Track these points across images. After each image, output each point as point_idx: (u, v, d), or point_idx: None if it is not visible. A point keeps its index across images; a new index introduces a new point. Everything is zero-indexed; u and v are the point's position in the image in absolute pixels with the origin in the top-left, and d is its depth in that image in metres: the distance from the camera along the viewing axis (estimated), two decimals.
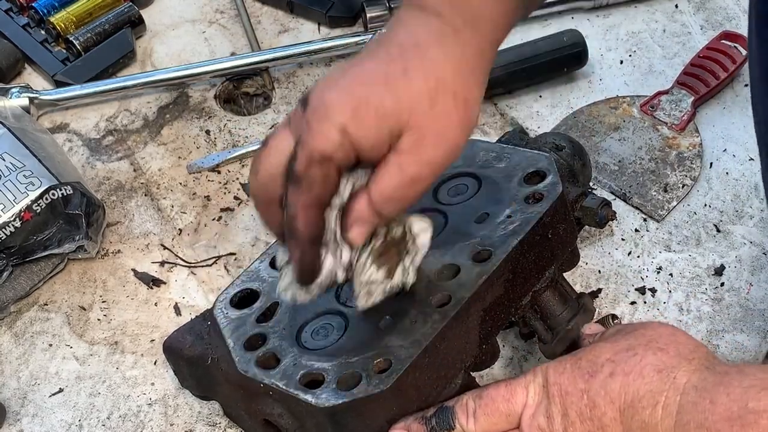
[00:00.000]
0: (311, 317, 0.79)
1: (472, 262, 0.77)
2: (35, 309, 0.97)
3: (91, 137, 1.13)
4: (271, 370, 0.74)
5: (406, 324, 0.74)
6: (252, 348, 0.77)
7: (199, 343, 0.81)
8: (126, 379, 0.92)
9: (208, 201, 1.06)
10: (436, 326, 0.73)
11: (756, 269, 0.95)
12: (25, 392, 0.91)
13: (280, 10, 1.27)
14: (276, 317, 0.80)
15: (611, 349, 0.68)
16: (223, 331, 0.79)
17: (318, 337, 0.77)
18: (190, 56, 1.22)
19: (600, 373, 0.66)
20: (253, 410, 0.77)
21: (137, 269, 1.00)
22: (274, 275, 0.82)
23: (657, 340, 0.67)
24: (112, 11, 1.23)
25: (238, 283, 0.84)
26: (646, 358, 0.66)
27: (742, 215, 1.00)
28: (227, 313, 0.81)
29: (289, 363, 0.74)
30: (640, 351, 0.66)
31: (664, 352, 0.66)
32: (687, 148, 1.06)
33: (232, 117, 1.15)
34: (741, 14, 1.21)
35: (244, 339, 0.78)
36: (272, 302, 0.81)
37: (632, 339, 0.68)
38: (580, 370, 0.67)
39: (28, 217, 0.94)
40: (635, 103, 1.10)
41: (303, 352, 0.76)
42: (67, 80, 1.17)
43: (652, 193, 1.02)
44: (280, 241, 0.69)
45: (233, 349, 0.77)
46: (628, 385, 0.65)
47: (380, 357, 0.72)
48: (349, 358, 0.73)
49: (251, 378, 0.75)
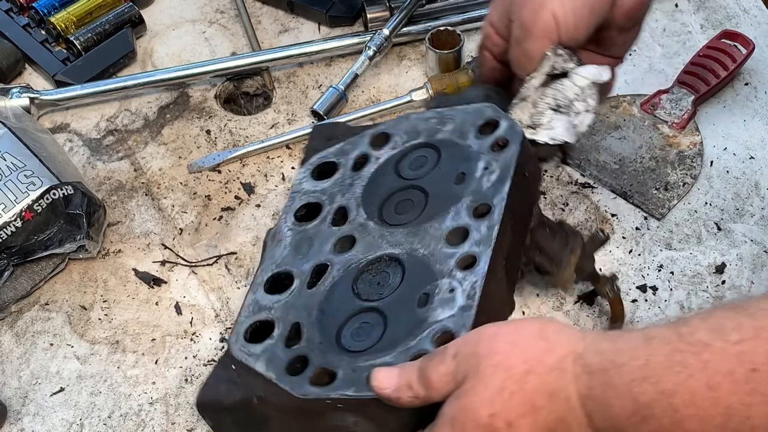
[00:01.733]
0: (342, 323, 0.77)
1: (475, 219, 0.79)
2: (36, 309, 0.97)
3: (91, 137, 1.14)
4: (331, 383, 0.72)
5: (444, 295, 0.75)
6: (296, 372, 0.75)
7: (235, 388, 0.77)
8: (127, 378, 0.92)
9: (209, 200, 1.06)
10: (475, 288, 0.73)
11: (757, 267, 0.95)
12: (26, 391, 0.91)
13: (280, 10, 1.27)
14: (305, 336, 0.77)
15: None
16: (257, 368, 0.76)
17: (360, 338, 0.76)
18: (190, 56, 1.22)
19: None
20: (319, 430, 0.75)
21: (138, 269, 1.00)
22: (277, 299, 0.81)
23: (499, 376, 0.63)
24: (112, 11, 1.23)
25: (241, 320, 0.81)
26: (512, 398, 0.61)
27: (743, 213, 1.00)
28: (249, 350, 0.78)
29: (347, 371, 0.73)
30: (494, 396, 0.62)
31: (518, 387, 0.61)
32: (687, 147, 1.06)
33: (232, 117, 1.15)
34: (741, 13, 1.21)
35: (284, 367, 0.76)
36: (293, 324, 0.78)
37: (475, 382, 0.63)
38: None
39: (29, 217, 0.94)
40: (635, 102, 1.10)
41: (355, 357, 0.74)
42: (67, 80, 1.17)
43: (652, 191, 1.02)
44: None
45: (279, 380, 0.74)
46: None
47: (438, 332, 0.72)
48: (406, 344, 0.72)
49: (315, 398, 0.72)
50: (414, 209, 0.83)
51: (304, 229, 0.86)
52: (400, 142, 0.89)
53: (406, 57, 1.20)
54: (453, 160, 0.85)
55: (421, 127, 0.89)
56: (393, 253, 0.80)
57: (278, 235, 0.86)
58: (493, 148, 0.83)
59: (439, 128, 0.88)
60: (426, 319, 0.74)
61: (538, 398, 0.61)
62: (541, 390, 0.61)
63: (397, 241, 0.81)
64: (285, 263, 0.84)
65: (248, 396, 0.76)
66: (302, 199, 0.88)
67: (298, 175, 0.90)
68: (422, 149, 0.88)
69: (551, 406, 0.60)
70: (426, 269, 0.78)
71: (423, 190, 0.84)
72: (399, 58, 1.20)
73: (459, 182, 0.83)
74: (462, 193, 0.81)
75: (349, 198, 0.86)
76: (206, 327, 0.95)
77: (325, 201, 0.87)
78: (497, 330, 0.66)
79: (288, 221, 0.87)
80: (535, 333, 0.64)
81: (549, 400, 0.60)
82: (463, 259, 0.77)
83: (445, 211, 0.81)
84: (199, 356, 0.93)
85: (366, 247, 0.82)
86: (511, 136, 0.82)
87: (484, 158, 0.83)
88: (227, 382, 0.78)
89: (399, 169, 0.87)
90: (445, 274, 0.76)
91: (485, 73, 0.91)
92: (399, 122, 0.90)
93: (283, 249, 0.85)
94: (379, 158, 0.88)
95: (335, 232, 0.84)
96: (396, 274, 0.79)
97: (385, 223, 0.84)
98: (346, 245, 0.83)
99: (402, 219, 0.83)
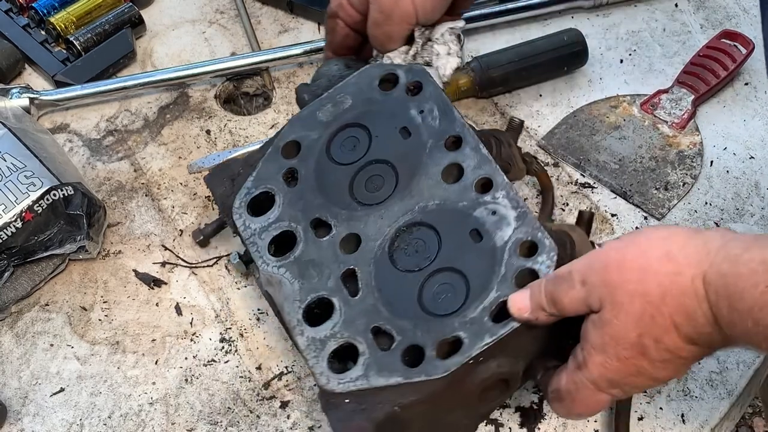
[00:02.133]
0: (418, 297, 0.78)
1: (454, 150, 0.82)
2: (36, 309, 0.97)
3: (91, 137, 1.14)
4: (460, 347, 0.74)
5: (490, 219, 0.78)
6: (417, 361, 0.75)
7: (368, 413, 0.74)
8: (127, 378, 0.92)
9: (209, 201, 1.06)
10: (512, 195, 0.78)
11: None
12: (26, 392, 0.91)
13: (280, 10, 1.27)
14: (394, 331, 0.76)
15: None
16: (375, 383, 0.75)
17: (445, 300, 0.77)
18: (190, 56, 1.22)
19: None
20: (468, 394, 0.76)
21: (138, 270, 1.00)
22: (333, 324, 0.78)
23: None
24: (112, 11, 1.23)
25: (315, 361, 0.78)
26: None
27: (743, 213, 1.00)
28: (349, 377, 0.76)
29: (467, 330, 0.74)
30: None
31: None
32: (687, 147, 1.06)
33: (232, 117, 1.15)
34: (741, 13, 1.21)
35: (401, 365, 0.75)
36: (371, 329, 0.77)
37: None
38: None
39: (29, 218, 0.94)
40: (635, 101, 1.10)
41: (461, 314, 0.75)
42: (67, 80, 1.17)
43: (652, 191, 1.02)
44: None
45: (408, 377, 0.74)
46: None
47: (516, 271, 0.75)
48: (491, 284, 0.75)
49: (458, 367, 0.73)
50: (387, 179, 0.84)
51: (295, 258, 0.83)
52: (313, 137, 0.88)
53: None
54: (382, 123, 0.86)
55: (323, 116, 0.89)
56: (410, 220, 0.81)
57: (272, 279, 0.83)
58: (407, 94, 0.86)
59: (342, 107, 0.88)
60: (493, 246, 0.77)
61: (677, 318, 0.65)
62: (679, 311, 0.65)
63: (396, 211, 0.82)
64: (309, 293, 0.81)
65: (388, 410, 0.74)
66: (264, 238, 0.85)
67: (238, 224, 0.86)
68: (347, 130, 0.88)
69: (690, 323, 0.65)
70: (452, 213, 0.80)
71: (381, 161, 0.85)
72: None
73: (408, 136, 0.85)
74: (420, 141, 0.84)
75: (311, 207, 0.84)
76: (206, 327, 0.95)
77: (290, 225, 0.84)
78: (623, 255, 0.68)
79: (270, 263, 0.83)
80: (661, 256, 0.67)
81: (687, 318, 0.65)
82: (478, 183, 0.80)
83: (420, 162, 0.83)
84: (199, 356, 0.93)
85: (375, 234, 0.81)
86: (418, 76, 0.87)
87: (411, 105, 0.86)
88: (355, 413, 0.75)
89: (335, 158, 0.87)
90: (474, 204, 0.79)
91: (338, 40, 0.94)
92: (294, 124, 0.89)
93: (292, 286, 0.82)
94: (307, 160, 0.87)
95: (330, 240, 0.82)
96: (428, 235, 0.80)
97: (369, 205, 0.83)
98: (352, 244, 0.82)
99: (383, 193, 0.83)
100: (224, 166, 0.93)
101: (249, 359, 0.92)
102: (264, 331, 0.94)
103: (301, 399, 0.89)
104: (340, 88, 0.89)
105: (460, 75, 1.11)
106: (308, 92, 0.92)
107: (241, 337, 0.94)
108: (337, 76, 0.92)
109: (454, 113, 0.84)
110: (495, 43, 1.18)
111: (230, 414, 0.89)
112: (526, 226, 0.77)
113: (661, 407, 0.86)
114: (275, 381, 0.91)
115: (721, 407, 0.86)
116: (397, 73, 0.88)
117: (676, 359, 0.68)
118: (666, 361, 0.68)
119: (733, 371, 0.88)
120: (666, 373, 0.69)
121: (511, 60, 1.11)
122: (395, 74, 0.88)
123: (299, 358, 0.91)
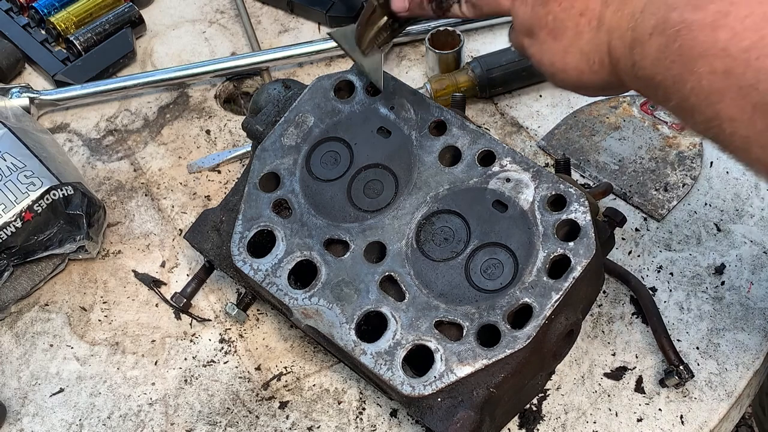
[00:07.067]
0: (469, 279, 0.79)
1: (438, 135, 0.85)
2: (36, 309, 0.97)
3: (91, 137, 1.14)
4: (531, 316, 0.75)
5: (507, 186, 0.80)
6: (496, 340, 0.76)
7: (465, 404, 0.75)
8: (127, 379, 0.92)
9: (209, 201, 1.06)
10: (516, 157, 0.81)
11: (756, 268, 0.95)
12: (25, 392, 0.91)
13: (280, 10, 1.27)
14: (465, 315, 0.78)
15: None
16: (460, 373, 0.76)
17: (492, 274, 0.79)
18: (190, 56, 1.22)
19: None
20: (546, 354, 0.78)
21: (138, 270, 1.00)
22: (393, 333, 0.79)
23: None
24: (112, 11, 1.23)
25: (396, 375, 0.78)
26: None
27: (743, 214, 1.00)
28: (434, 376, 0.77)
29: (531, 291, 0.76)
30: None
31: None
32: (687, 148, 1.06)
33: (232, 117, 1.15)
34: None
35: (480, 345, 0.76)
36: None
37: None
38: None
39: (29, 218, 0.94)
40: (635, 102, 1.10)
41: (519, 282, 0.77)
42: (67, 80, 1.17)
43: (652, 192, 1.02)
44: None
45: (493, 356, 0.75)
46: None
47: (553, 224, 0.78)
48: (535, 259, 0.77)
49: (538, 331, 0.75)
50: (385, 180, 0.85)
51: (323, 284, 0.82)
52: (288, 163, 0.87)
53: (406, 57, 1.20)
54: (357, 130, 0.87)
55: (289, 141, 0.88)
56: (428, 212, 0.82)
57: (308, 311, 0.81)
58: (368, 96, 0.88)
59: (305, 126, 0.88)
60: (522, 210, 0.79)
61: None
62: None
63: (409, 208, 0.82)
64: (355, 311, 0.80)
65: (485, 394, 0.75)
66: (280, 275, 0.83)
67: (245, 270, 0.84)
68: (322, 146, 0.87)
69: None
70: (466, 193, 0.81)
71: (371, 165, 0.86)
72: (399, 59, 1.20)
73: (388, 135, 0.86)
74: (403, 135, 0.85)
75: (318, 231, 0.84)
76: (206, 328, 0.95)
77: (302, 254, 0.83)
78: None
79: (299, 297, 0.82)
80: None
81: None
82: (480, 157, 0.82)
83: (411, 155, 0.84)
84: (199, 357, 0.93)
85: (396, 235, 0.82)
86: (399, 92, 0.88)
87: (379, 104, 0.87)
88: (453, 408, 0.75)
89: (320, 177, 0.86)
90: (485, 178, 0.81)
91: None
92: (262, 157, 0.88)
93: (332, 311, 0.81)
94: (292, 188, 0.86)
95: (352, 255, 0.82)
96: (452, 220, 0.81)
97: (377, 210, 0.83)
98: (377, 252, 0.82)
99: (386, 195, 0.84)
100: (201, 219, 0.90)
101: (248, 360, 0.92)
102: (263, 332, 0.94)
103: (300, 399, 0.89)
104: (296, 108, 0.88)
105: (460, 74, 1.11)
106: (260, 122, 0.91)
107: (240, 337, 0.94)
108: (282, 99, 0.91)
109: (426, 100, 0.85)
110: (495, 43, 1.18)
111: (229, 414, 0.89)
112: (545, 182, 0.79)
113: (660, 408, 0.86)
114: (274, 381, 0.91)
115: (720, 409, 0.86)
116: (350, 79, 0.88)
117: (572, 30, 0.66)
118: (562, 23, 0.67)
119: (732, 373, 0.88)
120: (558, 44, 0.68)
121: (511, 60, 1.11)
122: (347, 80, 0.88)
123: (299, 359, 0.91)
